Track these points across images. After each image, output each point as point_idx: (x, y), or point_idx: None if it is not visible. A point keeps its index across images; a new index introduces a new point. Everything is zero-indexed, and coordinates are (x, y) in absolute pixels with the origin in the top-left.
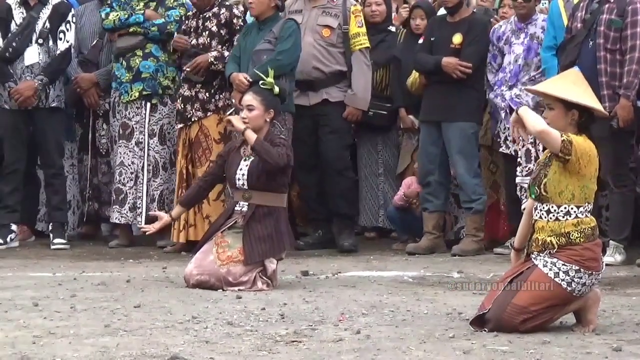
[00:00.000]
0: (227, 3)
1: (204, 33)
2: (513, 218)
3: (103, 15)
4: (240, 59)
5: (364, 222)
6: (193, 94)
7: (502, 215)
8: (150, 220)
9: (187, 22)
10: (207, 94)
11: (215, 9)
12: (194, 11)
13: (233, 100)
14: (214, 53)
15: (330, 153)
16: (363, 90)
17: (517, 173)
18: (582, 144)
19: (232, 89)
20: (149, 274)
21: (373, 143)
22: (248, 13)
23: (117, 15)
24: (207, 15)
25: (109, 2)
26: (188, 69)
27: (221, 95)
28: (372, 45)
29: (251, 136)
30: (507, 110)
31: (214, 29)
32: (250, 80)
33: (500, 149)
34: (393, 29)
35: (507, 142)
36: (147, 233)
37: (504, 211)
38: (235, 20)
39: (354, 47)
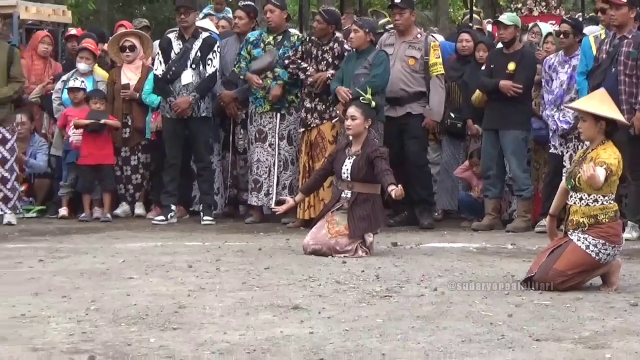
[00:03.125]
0: (340, 39)
1: (322, 62)
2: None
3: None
4: (343, 80)
5: (441, 206)
6: (313, 105)
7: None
8: (279, 203)
9: (304, 46)
10: (323, 106)
11: (331, 44)
12: (311, 38)
13: (338, 112)
14: (330, 72)
15: (412, 153)
16: (438, 106)
17: (564, 172)
18: (617, 165)
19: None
20: (275, 244)
21: (450, 144)
22: None
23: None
24: (325, 49)
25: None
26: (311, 79)
27: (333, 108)
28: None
29: None
30: (556, 126)
31: (330, 60)
32: (352, 96)
33: (550, 150)
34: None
35: (556, 145)
36: (277, 213)
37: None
38: (345, 53)
39: (432, 73)
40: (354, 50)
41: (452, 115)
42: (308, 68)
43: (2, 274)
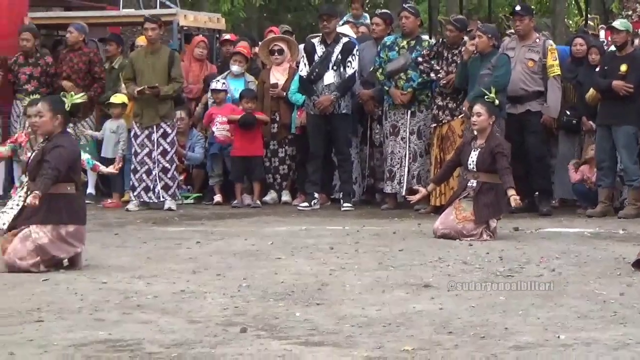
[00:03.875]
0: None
1: (452, 64)
2: None
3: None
4: (468, 81)
5: (558, 195)
6: (444, 103)
7: None
8: (411, 192)
9: (436, 47)
10: (454, 104)
11: (461, 47)
12: (443, 40)
13: (464, 109)
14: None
15: (532, 147)
16: (554, 104)
17: None
18: None
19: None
20: (408, 228)
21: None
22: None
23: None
24: (455, 52)
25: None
26: (444, 81)
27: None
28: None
29: None
30: None
31: (459, 62)
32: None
33: None
34: None
35: None
36: (411, 202)
37: None
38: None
39: (550, 74)
40: (478, 53)
41: (568, 112)
42: (439, 70)
43: (164, 254)
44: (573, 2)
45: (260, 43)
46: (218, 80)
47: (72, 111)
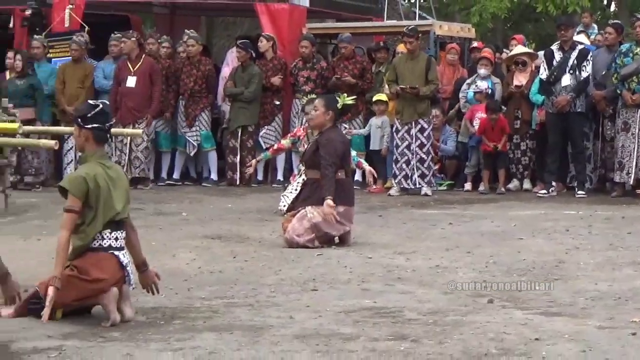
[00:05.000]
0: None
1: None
2: None
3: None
4: None
5: None
6: None
7: None
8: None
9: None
10: None
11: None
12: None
13: None
14: None
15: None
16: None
17: None
18: None
19: None
20: (635, 213)
21: None
22: None
23: None
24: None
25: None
26: None
27: None
28: None
29: None
30: None
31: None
32: None
33: None
34: None
35: None
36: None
37: None
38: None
39: None
40: None
41: None
42: None
43: (421, 234)
44: None
45: (507, 53)
46: (469, 83)
47: (343, 110)
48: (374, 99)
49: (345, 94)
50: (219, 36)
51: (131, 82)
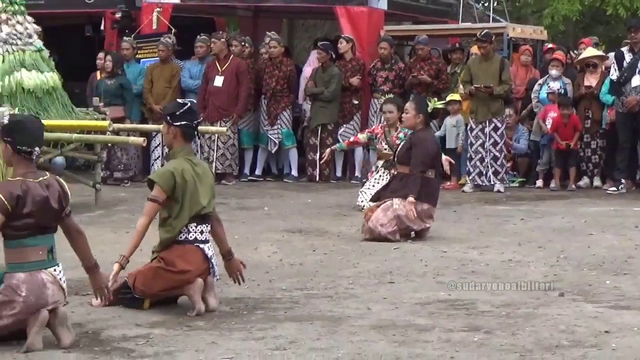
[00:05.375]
0: None
1: None
2: None
3: None
4: None
5: None
6: None
7: None
8: None
9: None
10: None
11: None
12: None
13: None
14: None
15: None
16: None
17: None
18: None
19: None
20: None
21: None
22: None
23: None
24: None
25: None
26: None
27: None
28: None
29: None
30: None
31: None
32: None
33: None
34: None
35: None
36: None
37: None
38: None
39: None
40: None
41: None
42: None
43: (494, 229)
44: None
45: (577, 56)
46: (540, 84)
47: (433, 114)
48: (448, 99)
49: (436, 99)
50: (300, 38)
51: (219, 81)
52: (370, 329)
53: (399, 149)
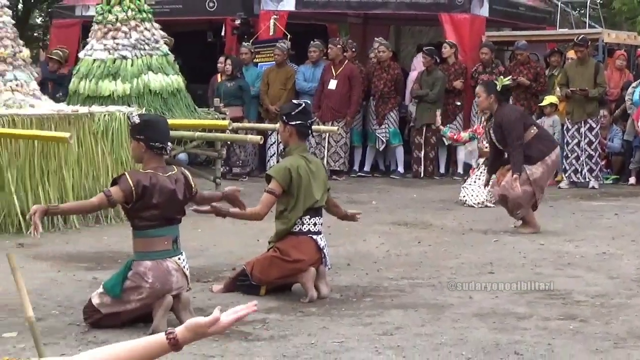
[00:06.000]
0: None
1: None
2: None
3: None
4: None
5: None
6: None
7: None
8: None
9: None
10: None
11: None
12: None
13: None
14: None
15: None
16: None
17: None
18: None
19: None
20: None
21: None
22: None
23: None
24: None
25: None
26: None
27: None
28: None
29: None
30: None
31: None
32: None
33: None
34: None
35: None
36: None
37: None
38: None
39: None
40: None
41: None
42: None
43: (589, 223)
44: None
45: None
46: (634, 87)
47: (503, 91)
48: (544, 102)
49: (502, 76)
50: (406, 43)
51: (332, 84)
52: (472, 317)
53: (492, 135)
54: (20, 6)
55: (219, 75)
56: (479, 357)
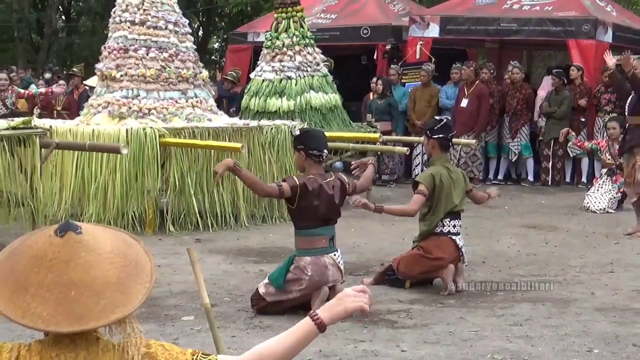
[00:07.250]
0: None
1: None
2: None
3: None
4: None
5: None
6: None
7: None
8: None
9: None
10: None
11: None
12: None
13: None
14: None
15: None
16: None
17: None
18: None
19: None
20: None
21: None
22: None
23: None
24: None
25: None
26: None
27: None
28: None
29: None
30: None
31: None
32: None
33: None
34: None
35: None
36: None
37: None
38: None
39: None
40: None
41: None
42: None
43: None
44: None
45: None
46: None
47: None
48: None
49: None
50: (537, 66)
51: (464, 102)
52: (594, 311)
53: (630, 102)
54: (200, 33)
55: (371, 93)
56: (600, 347)
